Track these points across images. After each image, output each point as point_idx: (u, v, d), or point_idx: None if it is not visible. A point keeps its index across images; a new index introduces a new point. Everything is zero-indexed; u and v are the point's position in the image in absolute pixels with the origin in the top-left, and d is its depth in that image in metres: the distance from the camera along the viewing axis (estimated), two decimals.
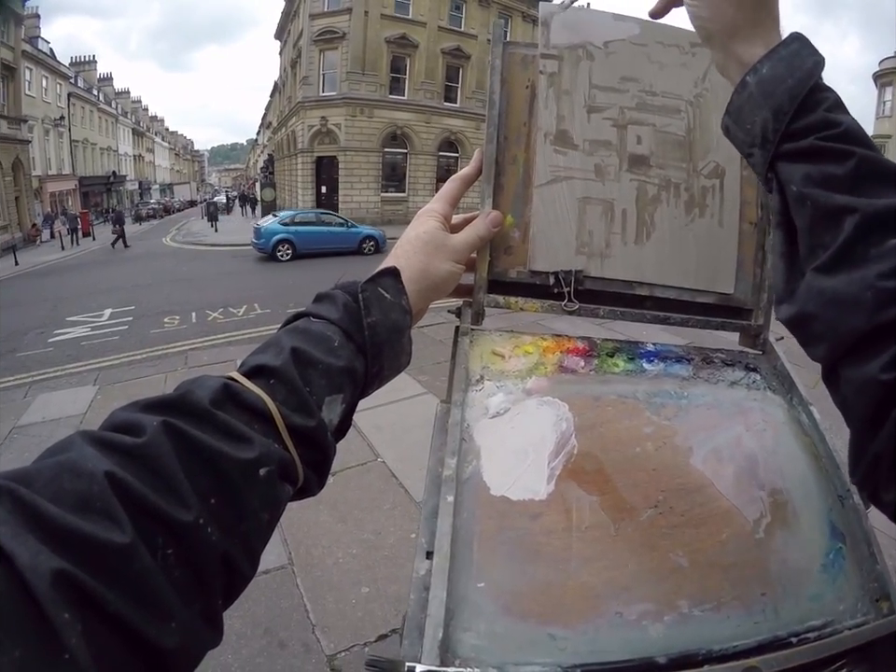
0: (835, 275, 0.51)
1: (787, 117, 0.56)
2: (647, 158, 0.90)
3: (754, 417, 0.82)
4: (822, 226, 0.53)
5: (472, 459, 0.70)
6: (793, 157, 0.56)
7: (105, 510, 0.37)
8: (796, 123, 0.56)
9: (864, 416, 0.51)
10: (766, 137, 0.58)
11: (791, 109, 0.55)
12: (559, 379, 0.82)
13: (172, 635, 0.38)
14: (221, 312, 10.52)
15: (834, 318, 0.51)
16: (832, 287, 0.51)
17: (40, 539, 0.34)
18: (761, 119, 0.58)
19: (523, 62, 0.92)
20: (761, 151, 0.59)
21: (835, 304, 0.51)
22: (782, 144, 0.57)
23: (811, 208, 0.54)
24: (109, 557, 0.36)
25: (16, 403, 6.45)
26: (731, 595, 0.65)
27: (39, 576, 0.32)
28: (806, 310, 0.54)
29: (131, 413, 0.46)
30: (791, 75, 0.56)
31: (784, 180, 0.57)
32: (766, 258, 0.93)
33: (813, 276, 0.54)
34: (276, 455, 0.50)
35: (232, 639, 2.93)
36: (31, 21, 33.31)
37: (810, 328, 0.55)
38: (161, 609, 0.38)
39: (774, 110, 0.56)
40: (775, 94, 0.56)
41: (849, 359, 0.52)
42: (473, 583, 0.60)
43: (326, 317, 0.61)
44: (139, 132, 61.70)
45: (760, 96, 0.58)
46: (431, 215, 0.80)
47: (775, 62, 0.57)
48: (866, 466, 0.52)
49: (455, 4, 28.24)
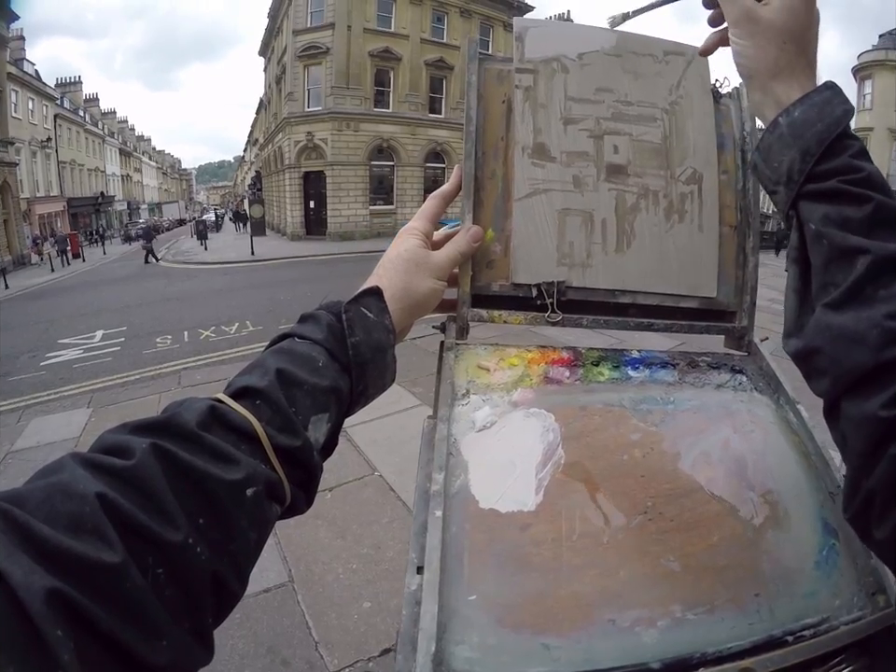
0: (844, 312, 0.53)
1: (813, 158, 0.58)
2: (624, 167, 0.91)
3: (742, 419, 0.82)
4: (836, 265, 0.55)
5: (460, 473, 0.70)
6: (815, 197, 0.59)
7: (96, 530, 0.38)
8: (821, 165, 0.58)
9: (862, 452, 0.52)
10: (792, 177, 0.60)
11: (818, 152, 0.58)
12: (545, 390, 0.82)
13: (162, 653, 0.39)
14: (213, 330, 10.48)
15: (840, 353, 0.53)
16: (839, 324, 0.53)
17: (33, 559, 0.35)
18: (788, 159, 0.60)
19: (498, 77, 0.93)
20: (785, 189, 0.61)
21: (842, 340, 0.53)
22: (806, 184, 0.59)
23: (827, 247, 0.56)
24: (101, 576, 0.37)
25: (10, 428, 6.38)
26: (724, 597, 0.65)
27: (33, 594, 0.33)
28: (813, 344, 0.56)
29: (120, 436, 0.47)
30: (820, 119, 0.59)
31: (804, 218, 0.60)
32: (748, 260, 0.94)
33: (822, 312, 0.56)
34: (263, 475, 0.51)
35: (235, 659, 2.91)
36: (16, 44, 33.27)
37: (816, 361, 0.57)
38: (151, 627, 0.39)
39: (802, 151, 0.59)
40: (804, 137, 0.59)
41: (851, 395, 0.53)
42: (465, 596, 0.61)
43: (310, 338, 0.62)
44: (126, 152, 61.61)
45: (790, 137, 0.60)
46: (412, 233, 0.81)
47: (807, 106, 0.60)
48: (860, 502, 0.54)
49: (437, 16, 28.42)
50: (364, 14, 26.41)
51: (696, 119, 0.94)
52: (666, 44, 0.95)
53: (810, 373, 0.58)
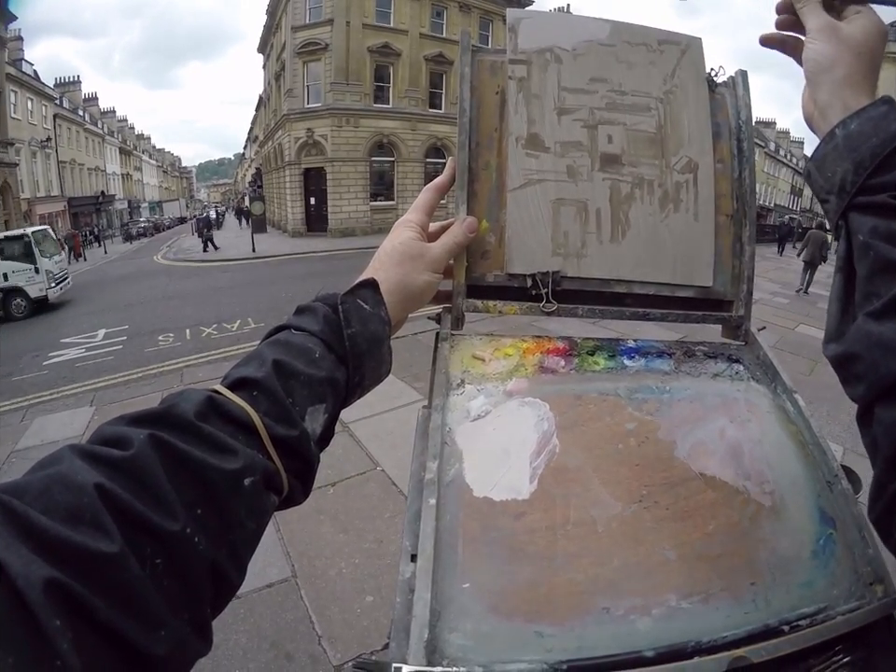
0: (885, 323, 0.55)
1: (866, 171, 0.60)
2: (619, 156, 0.91)
3: (738, 408, 0.82)
4: (880, 276, 0.57)
5: (454, 462, 0.70)
6: (865, 209, 0.60)
7: (94, 520, 0.39)
8: (874, 179, 0.59)
9: (889, 457, 0.54)
10: (844, 188, 0.62)
11: (872, 165, 0.59)
12: (539, 379, 0.82)
13: (161, 643, 0.39)
14: (215, 327, 10.49)
15: (877, 360, 0.55)
16: (879, 332, 0.55)
17: (32, 549, 0.35)
18: (842, 170, 0.62)
19: (492, 68, 0.93)
20: (836, 199, 0.63)
21: (880, 348, 0.55)
22: (857, 196, 0.61)
23: (873, 258, 0.58)
24: (99, 566, 0.37)
25: (13, 427, 6.43)
26: (719, 586, 0.65)
27: (32, 584, 0.33)
28: (853, 350, 0.58)
29: (118, 427, 0.47)
30: (876, 134, 0.60)
31: (853, 229, 0.61)
32: (744, 249, 0.94)
33: (864, 320, 0.58)
34: (260, 465, 0.51)
35: (239, 654, 2.93)
36: (14, 44, 33.25)
37: (853, 367, 0.59)
38: (150, 616, 0.39)
39: (855, 164, 0.60)
40: (859, 149, 0.60)
41: (885, 401, 0.55)
42: (459, 584, 0.60)
43: (307, 329, 0.63)
44: (126, 150, 61.57)
45: (845, 149, 0.62)
46: (408, 225, 0.81)
47: (864, 119, 0.61)
48: (884, 504, 0.55)
49: (437, 10, 28.32)
50: (363, 9, 26.34)
51: (691, 108, 0.93)
52: (661, 33, 0.94)
53: (848, 378, 0.60)
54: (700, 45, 0.95)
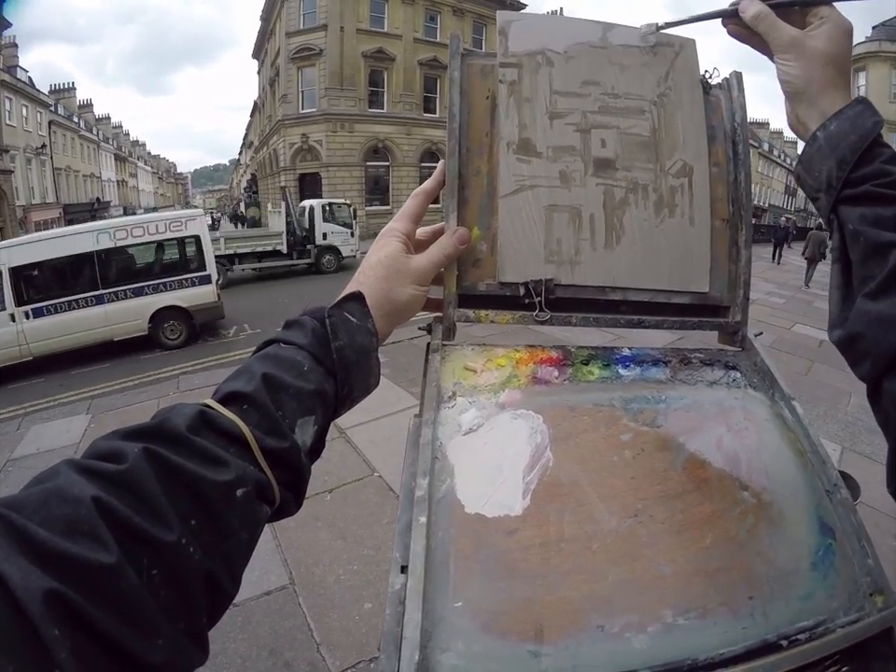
0: (881, 301, 0.60)
1: (848, 166, 0.65)
2: (612, 161, 0.89)
3: (735, 416, 0.81)
4: (872, 259, 0.62)
5: (446, 478, 0.69)
6: (852, 201, 0.66)
7: (92, 532, 0.40)
8: (856, 172, 0.65)
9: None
10: (831, 184, 0.67)
11: (853, 160, 0.65)
12: (533, 391, 0.80)
13: (158, 652, 0.40)
14: (211, 334, 10.47)
15: (878, 336, 0.59)
16: (877, 310, 0.60)
17: (31, 561, 0.36)
18: (827, 169, 0.67)
19: (482, 72, 0.91)
20: (826, 196, 0.68)
21: (880, 324, 0.59)
22: (843, 190, 0.66)
23: (863, 243, 0.63)
24: (97, 577, 0.38)
25: (9, 436, 6.41)
26: (717, 601, 0.64)
27: (31, 595, 0.34)
28: (854, 330, 0.63)
29: (112, 442, 0.48)
30: (854, 131, 0.65)
31: (843, 221, 0.66)
32: (740, 254, 0.93)
33: (862, 302, 0.62)
34: (252, 476, 0.52)
35: (238, 662, 2.92)
36: (9, 51, 33.22)
37: (857, 346, 0.63)
38: (147, 626, 0.40)
39: (838, 161, 0.66)
40: (839, 147, 0.66)
41: (891, 373, 0.59)
42: (450, 603, 0.59)
43: (295, 343, 0.64)
44: (121, 157, 61.49)
45: (827, 149, 0.67)
46: (393, 235, 0.81)
47: (841, 119, 0.67)
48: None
49: (430, 15, 28.47)
50: (356, 14, 26.45)
51: (685, 111, 0.92)
52: (654, 35, 0.93)
53: (855, 359, 0.64)
54: (694, 46, 0.93)
